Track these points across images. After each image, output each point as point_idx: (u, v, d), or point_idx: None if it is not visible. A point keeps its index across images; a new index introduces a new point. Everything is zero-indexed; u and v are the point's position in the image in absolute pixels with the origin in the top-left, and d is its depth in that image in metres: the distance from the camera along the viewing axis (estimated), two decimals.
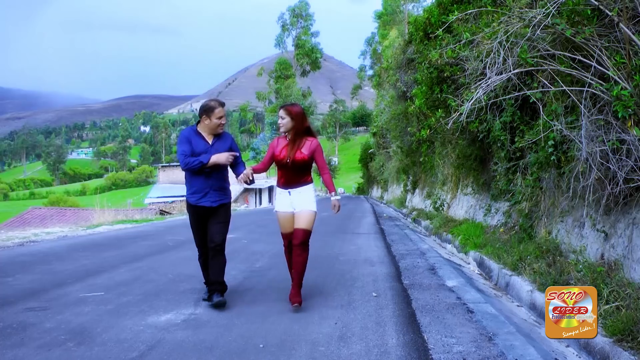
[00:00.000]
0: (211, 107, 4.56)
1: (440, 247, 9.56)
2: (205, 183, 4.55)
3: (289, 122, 4.53)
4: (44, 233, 11.21)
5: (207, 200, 4.57)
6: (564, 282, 4.59)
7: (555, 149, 5.21)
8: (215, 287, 4.57)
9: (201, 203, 4.56)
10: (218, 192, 4.62)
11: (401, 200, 23.86)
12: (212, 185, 4.58)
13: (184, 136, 4.62)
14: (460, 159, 10.09)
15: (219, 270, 4.61)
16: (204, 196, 4.56)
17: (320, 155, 4.63)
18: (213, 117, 4.54)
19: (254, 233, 10.68)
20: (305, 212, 4.53)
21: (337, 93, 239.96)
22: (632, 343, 3.27)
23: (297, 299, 4.44)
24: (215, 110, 4.54)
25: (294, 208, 4.57)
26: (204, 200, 4.56)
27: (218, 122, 4.56)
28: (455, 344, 3.52)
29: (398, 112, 16.21)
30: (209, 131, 4.60)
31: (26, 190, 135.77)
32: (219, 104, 4.61)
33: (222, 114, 4.58)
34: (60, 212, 30.45)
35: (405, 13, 37.75)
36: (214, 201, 4.59)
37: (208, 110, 4.55)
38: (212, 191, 4.58)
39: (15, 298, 4.82)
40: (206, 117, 4.56)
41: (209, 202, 4.57)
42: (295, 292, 4.49)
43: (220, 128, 4.61)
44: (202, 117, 4.59)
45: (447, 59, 7.14)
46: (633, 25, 4.31)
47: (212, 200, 4.58)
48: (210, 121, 4.55)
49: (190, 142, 4.54)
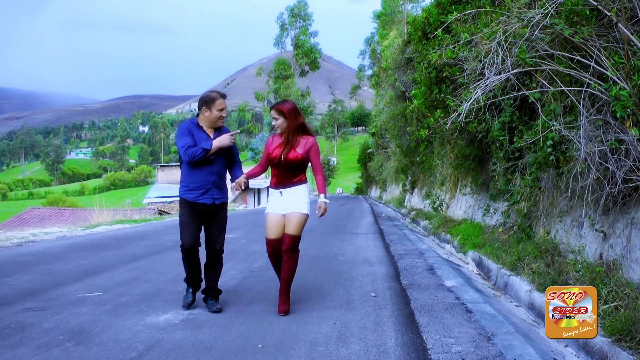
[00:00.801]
0: (212, 98, 4.33)
1: (439, 247, 9.57)
2: (207, 179, 4.33)
3: (284, 122, 4.29)
4: (43, 233, 11.20)
5: (209, 198, 4.35)
6: (563, 282, 4.59)
7: (554, 149, 5.22)
8: (211, 293, 4.49)
9: (201, 200, 4.32)
10: (219, 189, 4.42)
11: (400, 200, 23.88)
12: (215, 181, 4.37)
13: (184, 128, 4.39)
14: (459, 159, 10.10)
15: (217, 276, 4.53)
16: (206, 193, 4.33)
17: (316, 155, 4.39)
18: (214, 109, 4.32)
19: (253, 233, 10.66)
20: (295, 215, 4.28)
21: (336, 93, 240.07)
22: (630, 343, 3.27)
23: (284, 307, 4.28)
24: (216, 102, 4.32)
25: (285, 210, 4.32)
26: (205, 198, 4.33)
27: (219, 114, 4.34)
28: (453, 344, 3.52)
29: (397, 112, 16.22)
30: (208, 124, 4.39)
31: (25, 190, 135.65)
32: (220, 95, 4.39)
33: (223, 105, 4.37)
34: (58, 212, 30.45)
35: (404, 13, 37.79)
36: (217, 199, 4.39)
37: (209, 101, 4.33)
38: (214, 188, 4.38)
39: (14, 298, 4.81)
40: (206, 109, 4.34)
41: (210, 200, 4.35)
42: (283, 300, 4.31)
43: (220, 121, 4.40)
44: (202, 109, 4.36)
45: (445, 59, 7.14)
46: (632, 25, 4.31)
47: (213, 197, 4.37)
48: (210, 113, 4.33)
49: (191, 135, 4.34)
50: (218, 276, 4.55)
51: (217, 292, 4.55)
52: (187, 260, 4.42)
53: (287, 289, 4.35)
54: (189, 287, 4.56)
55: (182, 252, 4.40)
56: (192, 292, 4.53)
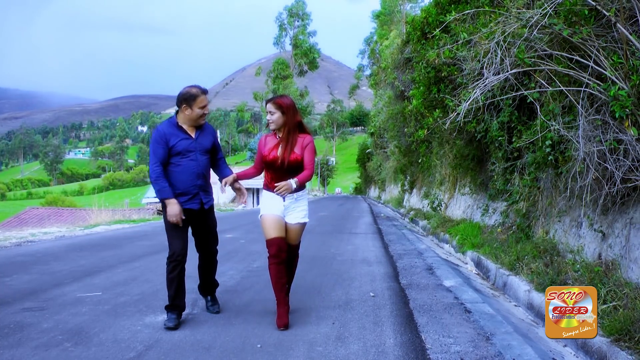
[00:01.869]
0: (193, 95, 3.96)
1: (438, 247, 9.57)
2: (193, 183, 4.01)
3: (280, 118, 3.95)
4: (42, 233, 11.19)
5: (196, 203, 4.06)
6: (562, 282, 4.59)
7: (553, 149, 5.22)
8: (210, 288, 4.43)
9: (188, 206, 4.01)
10: (206, 193, 4.14)
11: (399, 200, 23.89)
12: (201, 186, 4.08)
13: (159, 135, 3.96)
14: (458, 159, 10.10)
15: (214, 272, 4.43)
16: (193, 198, 4.03)
17: (310, 153, 4.01)
18: (195, 107, 3.96)
19: (252, 233, 10.66)
20: (298, 227, 4.09)
21: (335, 93, 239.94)
22: (629, 343, 3.27)
23: (283, 320, 3.88)
24: (197, 99, 3.96)
25: (286, 216, 4.04)
26: (193, 203, 4.04)
27: (201, 111, 3.99)
28: (452, 344, 3.53)
29: (395, 112, 16.22)
30: (190, 122, 4.03)
31: (23, 190, 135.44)
32: (201, 91, 4.01)
33: (205, 102, 4.02)
34: (57, 212, 30.41)
35: (403, 13, 37.77)
36: (205, 203, 4.12)
37: (189, 98, 3.96)
38: (202, 192, 4.09)
39: (13, 298, 4.81)
40: (187, 107, 3.97)
41: (198, 205, 4.07)
42: (282, 312, 3.91)
43: (202, 119, 4.06)
44: (182, 106, 3.99)
45: (444, 59, 7.15)
46: (630, 25, 4.31)
47: (201, 202, 4.09)
48: (192, 111, 3.97)
49: (166, 143, 3.94)
50: (214, 272, 4.43)
51: (215, 285, 4.47)
52: (175, 272, 3.99)
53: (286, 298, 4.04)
54: (173, 312, 3.97)
55: (170, 264, 4.00)
56: (177, 316, 3.97)
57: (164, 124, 4.08)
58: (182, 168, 3.99)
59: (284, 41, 60.06)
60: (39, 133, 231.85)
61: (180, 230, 4.01)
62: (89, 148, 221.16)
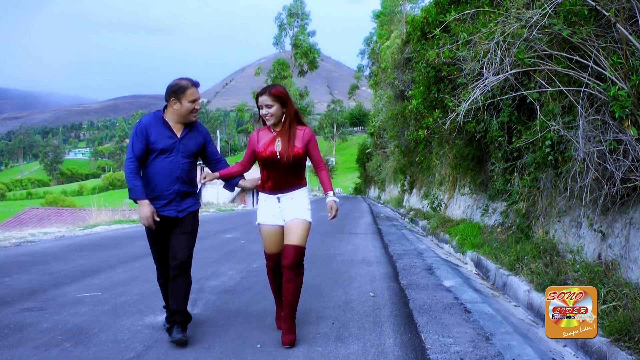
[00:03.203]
0: (182, 87, 3.52)
1: (438, 247, 9.57)
2: (170, 187, 3.58)
3: (279, 109, 3.53)
4: (41, 233, 11.19)
5: (172, 210, 3.60)
6: (562, 282, 4.59)
7: (553, 149, 5.22)
8: (176, 319, 3.54)
9: (164, 212, 3.58)
10: (186, 198, 3.67)
11: (398, 201, 23.89)
12: (179, 190, 3.61)
13: (141, 128, 3.55)
14: (458, 159, 10.10)
15: (183, 296, 3.59)
16: (169, 204, 3.59)
17: (316, 147, 3.67)
18: (184, 100, 3.53)
19: (252, 233, 10.65)
20: (297, 222, 3.55)
21: (335, 93, 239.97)
22: (629, 343, 3.28)
23: (289, 337, 3.48)
24: (187, 91, 3.52)
25: (284, 219, 3.61)
26: (168, 210, 3.59)
27: (191, 106, 3.56)
28: (452, 344, 3.53)
29: (395, 112, 16.23)
30: (178, 119, 3.60)
31: (23, 191, 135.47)
32: (192, 83, 3.57)
33: (195, 95, 3.57)
34: (57, 212, 30.44)
35: (404, 13, 37.77)
36: (181, 210, 3.64)
37: (177, 91, 3.52)
38: (179, 198, 3.62)
39: (13, 298, 4.80)
40: (175, 101, 3.54)
41: (174, 212, 3.60)
42: (287, 328, 3.50)
43: (193, 115, 3.61)
44: (171, 100, 3.56)
45: (444, 59, 7.15)
46: (630, 25, 4.31)
47: (178, 209, 3.62)
48: (180, 105, 3.54)
49: (146, 138, 3.54)
50: (186, 296, 3.62)
51: (185, 316, 3.60)
52: (162, 280, 3.81)
53: (292, 315, 3.54)
54: None
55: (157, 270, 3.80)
56: None
57: (148, 116, 3.66)
58: (157, 169, 3.58)
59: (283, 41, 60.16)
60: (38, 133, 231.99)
61: (156, 242, 3.72)
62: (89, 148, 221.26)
